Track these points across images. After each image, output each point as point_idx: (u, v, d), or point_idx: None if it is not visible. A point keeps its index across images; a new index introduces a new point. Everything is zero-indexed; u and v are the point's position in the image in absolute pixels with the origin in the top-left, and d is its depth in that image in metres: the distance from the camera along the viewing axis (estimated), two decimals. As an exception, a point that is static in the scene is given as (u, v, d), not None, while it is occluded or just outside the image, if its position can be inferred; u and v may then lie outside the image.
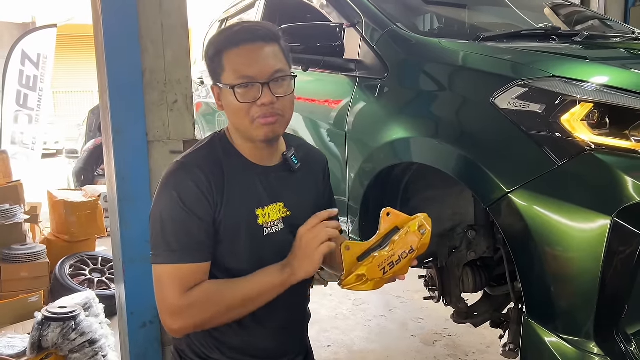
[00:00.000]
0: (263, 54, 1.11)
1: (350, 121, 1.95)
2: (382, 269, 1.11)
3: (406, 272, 1.16)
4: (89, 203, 3.96)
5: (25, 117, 6.09)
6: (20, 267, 3.34)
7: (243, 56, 1.11)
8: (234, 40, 1.11)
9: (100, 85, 2.03)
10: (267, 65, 1.11)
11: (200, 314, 1.09)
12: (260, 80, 1.10)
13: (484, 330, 2.27)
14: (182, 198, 1.09)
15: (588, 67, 1.42)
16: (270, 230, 1.19)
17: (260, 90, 1.10)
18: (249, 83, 1.10)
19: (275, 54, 1.13)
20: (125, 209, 1.94)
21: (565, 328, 1.26)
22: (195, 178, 1.10)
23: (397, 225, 1.15)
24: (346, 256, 1.13)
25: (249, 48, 1.11)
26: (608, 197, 1.21)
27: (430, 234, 1.15)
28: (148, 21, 1.91)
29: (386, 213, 1.15)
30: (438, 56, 1.75)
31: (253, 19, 3.08)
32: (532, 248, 1.29)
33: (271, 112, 1.12)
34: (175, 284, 1.08)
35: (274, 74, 1.12)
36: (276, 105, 1.12)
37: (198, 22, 6.51)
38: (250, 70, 1.10)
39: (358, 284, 1.12)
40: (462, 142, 1.52)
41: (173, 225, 1.09)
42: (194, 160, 1.15)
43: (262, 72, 1.10)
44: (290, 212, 1.22)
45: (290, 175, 1.24)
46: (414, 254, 1.14)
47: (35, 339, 2.45)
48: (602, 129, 1.27)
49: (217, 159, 1.16)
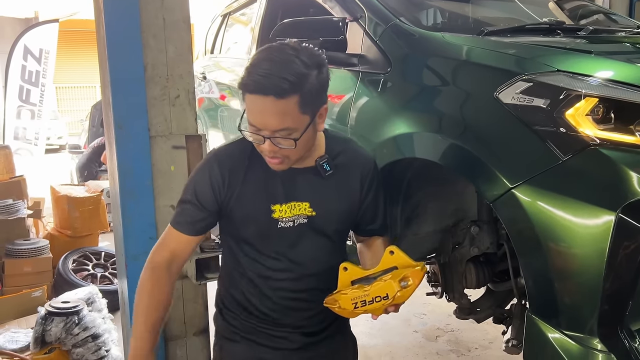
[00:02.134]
0: (270, 110, 1.12)
1: (353, 116, 1.94)
2: (354, 303, 1.18)
3: (379, 314, 1.20)
4: (92, 198, 3.97)
5: (27, 113, 6.10)
6: (23, 262, 3.35)
7: (253, 106, 1.14)
8: (250, 86, 1.13)
9: (102, 80, 2.02)
10: (271, 123, 1.13)
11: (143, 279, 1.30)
12: (262, 133, 1.16)
13: (487, 325, 2.27)
14: (196, 187, 1.28)
15: (593, 62, 1.40)
16: (285, 224, 1.27)
17: (263, 140, 1.17)
18: (255, 132, 1.17)
19: (286, 110, 1.12)
20: (128, 204, 1.94)
21: (569, 324, 1.26)
22: (213, 172, 1.26)
23: (396, 265, 1.18)
24: (342, 276, 1.21)
25: (260, 100, 1.12)
26: (613, 192, 1.20)
27: (414, 289, 1.17)
28: (150, 16, 1.89)
29: (389, 251, 1.19)
30: (441, 50, 1.74)
31: (256, 14, 3.07)
32: (535, 244, 1.28)
33: (274, 156, 1.19)
34: (163, 240, 1.32)
35: (277, 132, 1.14)
36: (279, 153, 1.18)
37: (200, 17, 6.50)
38: (257, 122, 1.15)
39: (334, 307, 1.21)
40: (465, 137, 1.51)
41: (183, 201, 1.31)
42: (221, 154, 1.30)
43: (265, 127, 1.14)
44: (315, 212, 1.29)
45: (320, 179, 1.29)
46: (389, 302, 1.17)
47: (39, 334, 2.46)
48: (607, 124, 1.26)
49: (243, 156, 1.28)
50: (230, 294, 1.38)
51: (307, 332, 1.36)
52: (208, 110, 3.64)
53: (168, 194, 1.96)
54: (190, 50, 1.99)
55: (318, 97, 1.18)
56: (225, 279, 1.41)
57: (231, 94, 3.24)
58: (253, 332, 1.36)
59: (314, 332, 1.38)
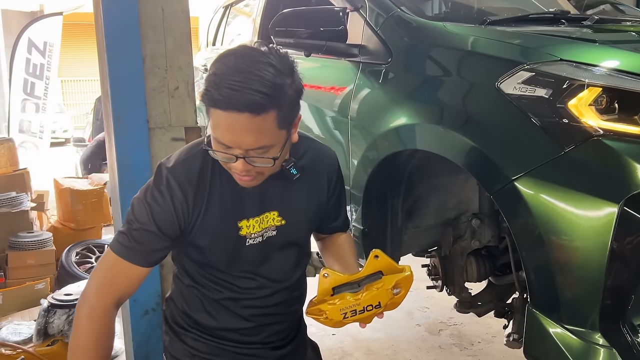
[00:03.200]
0: (245, 128, 0.97)
1: (354, 108, 1.92)
2: (343, 313, 1.10)
3: (369, 322, 1.14)
4: (95, 191, 3.97)
5: (32, 106, 6.11)
6: (26, 255, 3.35)
7: (224, 122, 0.98)
8: (220, 103, 0.96)
9: (101, 72, 2.00)
10: (245, 142, 0.99)
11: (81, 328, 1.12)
12: (234, 152, 1.01)
13: (490, 319, 2.25)
14: (154, 213, 1.09)
15: (597, 51, 1.37)
16: (253, 241, 1.17)
17: (235, 159, 1.02)
18: (225, 150, 1.02)
19: (262, 128, 0.98)
20: (127, 196, 1.92)
21: (570, 318, 1.24)
22: (174, 196, 1.09)
23: (381, 270, 1.12)
24: (322, 283, 1.11)
25: (231, 117, 0.96)
26: (616, 184, 1.17)
27: (404, 296, 1.13)
28: (148, 6, 1.88)
29: (374, 255, 1.12)
30: (443, 40, 1.71)
31: (257, 5, 3.04)
32: (537, 237, 1.26)
33: (246, 174, 1.06)
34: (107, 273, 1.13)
35: (252, 151, 1.01)
36: (252, 171, 1.05)
37: (205, 9, 6.47)
38: (228, 140, 1.00)
39: (319, 317, 1.12)
40: (466, 128, 1.49)
41: (136, 228, 1.11)
42: (179, 172, 1.11)
43: (239, 145, 1.00)
44: (285, 220, 1.19)
45: (288, 183, 1.18)
46: (380, 310, 1.12)
47: (41, 326, 2.47)
48: (611, 114, 1.23)
49: (205, 170, 1.13)
50: (187, 315, 1.25)
51: (276, 346, 1.28)
52: (210, 102, 3.62)
53: (167, 186, 1.95)
54: (189, 41, 1.97)
55: (295, 109, 1.05)
56: (179, 300, 1.27)
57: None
58: (217, 354, 1.25)
59: (282, 346, 1.30)
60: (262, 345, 1.26)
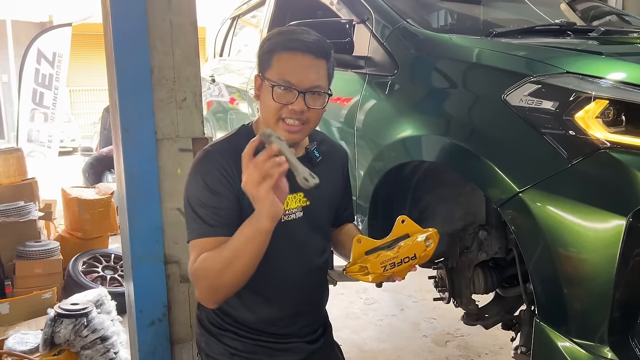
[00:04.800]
0: (309, 67, 1.19)
1: (360, 119, 1.92)
2: (383, 266, 1.21)
3: (404, 275, 1.25)
4: (102, 200, 3.99)
5: (41, 115, 6.17)
6: (34, 264, 3.37)
7: (291, 62, 1.18)
8: (288, 45, 1.18)
9: (110, 83, 2.02)
10: (309, 78, 1.18)
11: (203, 279, 1.14)
12: (298, 88, 1.17)
13: (497, 331, 2.24)
14: (207, 182, 1.18)
15: (604, 63, 1.37)
16: (288, 217, 1.25)
17: (295, 97, 1.18)
18: (288, 87, 1.18)
19: (320, 70, 1.20)
20: (135, 207, 1.94)
21: (579, 332, 1.23)
22: (218, 165, 1.19)
23: (408, 233, 1.24)
24: (356, 248, 1.23)
25: (299, 57, 1.18)
26: (623, 197, 1.17)
27: (434, 249, 1.24)
28: (156, 18, 1.90)
29: (401, 220, 1.24)
30: (449, 52, 1.72)
31: (264, 17, 3.07)
32: (544, 249, 1.26)
33: (298, 119, 1.19)
34: (195, 255, 1.16)
35: (312, 87, 1.19)
36: (305, 114, 1.19)
37: (211, 20, 6.53)
38: (293, 77, 1.17)
39: (360, 273, 1.22)
40: (472, 140, 1.49)
41: (201, 205, 1.18)
42: (218, 148, 1.24)
43: (302, 82, 1.18)
44: (309, 202, 1.28)
45: (310, 167, 1.23)
46: (415, 261, 1.23)
47: (48, 335, 2.47)
48: (618, 127, 1.23)
49: (237, 149, 1.18)
50: (226, 314, 1.30)
51: (309, 340, 1.34)
52: (216, 113, 3.65)
53: (175, 197, 1.96)
54: (197, 53, 1.99)
55: (331, 79, 1.25)
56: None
57: (241, 97, 3.24)
58: (255, 352, 1.29)
59: (315, 340, 1.36)
60: (297, 338, 1.32)
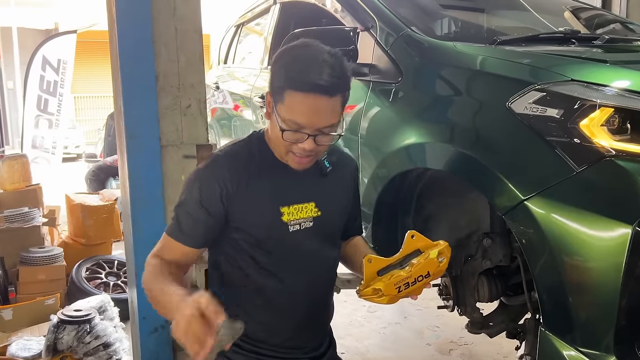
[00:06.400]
0: (322, 108, 1.12)
1: (364, 126, 1.92)
2: (397, 287, 1.19)
3: (420, 293, 1.24)
4: (106, 207, 3.99)
5: (45, 122, 6.19)
6: (37, 270, 3.36)
7: (303, 105, 1.11)
8: (304, 86, 1.09)
9: (115, 90, 2.04)
10: (321, 121, 1.13)
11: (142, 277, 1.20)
12: (308, 131, 1.13)
13: (502, 339, 2.22)
14: (202, 195, 1.19)
15: (608, 71, 1.37)
16: (294, 227, 1.24)
17: (305, 138, 1.14)
18: (298, 130, 1.13)
19: (334, 108, 1.14)
20: (138, 213, 1.95)
21: (584, 341, 1.22)
22: (220, 178, 1.19)
23: (419, 248, 1.23)
24: (367, 268, 1.21)
25: (313, 99, 1.10)
26: (629, 205, 1.17)
27: (447, 263, 1.23)
28: (162, 25, 1.91)
29: (411, 235, 1.23)
30: (453, 60, 1.72)
31: (268, 25, 3.08)
32: (549, 257, 1.25)
33: (307, 155, 1.17)
34: (158, 247, 1.24)
35: (324, 129, 1.14)
36: (314, 149, 1.17)
37: (216, 27, 6.55)
38: (305, 120, 1.12)
39: (374, 296, 1.20)
40: (477, 148, 1.49)
41: (186, 210, 1.21)
42: (225, 156, 1.23)
43: (314, 124, 1.13)
44: (321, 212, 1.27)
45: (321, 177, 1.29)
46: (430, 279, 1.22)
47: (51, 342, 2.47)
48: (623, 135, 1.23)
49: (248, 156, 1.23)
50: None
51: (314, 356, 1.33)
52: (220, 120, 3.65)
53: (178, 203, 1.96)
54: (201, 59, 2.00)
55: (346, 102, 1.21)
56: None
57: (245, 104, 3.25)
58: None
59: (320, 356, 1.34)
60: (302, 354, 1.31)
